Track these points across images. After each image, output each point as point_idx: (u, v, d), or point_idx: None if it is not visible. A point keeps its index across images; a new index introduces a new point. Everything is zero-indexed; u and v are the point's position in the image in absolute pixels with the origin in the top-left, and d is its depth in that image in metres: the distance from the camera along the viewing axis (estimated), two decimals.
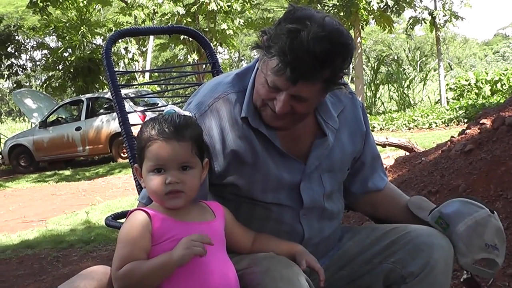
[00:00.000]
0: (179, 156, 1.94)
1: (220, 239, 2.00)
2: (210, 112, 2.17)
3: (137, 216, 1.93)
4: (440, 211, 2.24)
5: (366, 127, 2.41)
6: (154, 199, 1.99)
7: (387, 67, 31.22)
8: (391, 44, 51.37)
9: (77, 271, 2.00)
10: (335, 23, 1.99)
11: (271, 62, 2.00)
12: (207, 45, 3.31)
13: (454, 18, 24.57)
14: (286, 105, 2.04)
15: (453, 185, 4.37)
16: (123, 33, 3.21)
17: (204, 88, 2.31)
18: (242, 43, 46.00)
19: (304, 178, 2.23)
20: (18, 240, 7.90)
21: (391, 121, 20.18)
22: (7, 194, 14.27)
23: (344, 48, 1.98)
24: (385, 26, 24.67)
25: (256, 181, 2.19)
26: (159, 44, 31.21)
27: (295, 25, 1.94)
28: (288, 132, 2.20)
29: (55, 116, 19.98)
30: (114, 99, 2.94)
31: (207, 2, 23.94)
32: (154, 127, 1.95)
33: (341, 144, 2.30)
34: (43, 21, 25.58)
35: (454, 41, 53.78)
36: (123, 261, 1.87)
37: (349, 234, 2.38)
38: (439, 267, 2.12)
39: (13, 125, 42.16)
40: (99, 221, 8.52)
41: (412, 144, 8.38)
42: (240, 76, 2.26)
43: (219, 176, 2.17)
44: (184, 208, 1.97)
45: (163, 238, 1.90)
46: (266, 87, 2.06)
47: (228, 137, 2.16)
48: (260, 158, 2.18)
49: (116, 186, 13.12)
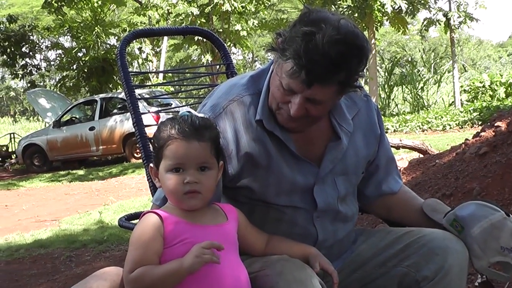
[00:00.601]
0: (199, 156, 1.93)
1: (232, 242, 1.99)
2: (225, 114, 2.17)
3: (149, 218, 1.92)
4: (455, 214, 2.22)
5: (381, 130, 2.39)
6: (170, 199, 1.98)
7: (401, 69, 31.15)
8: (405, 45, 51.27)
9: (90, 271, 2.00)
10: (350, 25, 1.97)
11: (286, 65, 1.98)
12: (221, 46, 3.30)
13: (468, 20, 24.51)
14: (301, 108, 2.03)
15: (467, 188, 4.34)
16: (137, 34, 3.21)
17: (218, 90, 2.30)
18: (256, 44, 46.03)
19: (318, 181, 2.22)
20: (31, 239, 7.93)
21: (405, 123, 20.14)
22: (21, 193, 14.34)
23: (360, 51, 1.96)
24: (399, 27, 24.63)
25: (269, 184, 2.18)
26: (173, 45, 31.30)
27: (310, 27, 1.93)
28: (302, 135, 2.19)
29: (69, 116, 20.10)
30: (128, 100, 2.94)
31: (221, 2, 23.99)
32: (173, 126, 1.94)
33: (355, 147, 2.29)
34: (57, 21, 25.76)
35: (468, 42, 53.57)
36: (135, 264, 1.86)
37: (363, 237, 2.37)
38: (453, 271, 2.10)
39: (27, 124, 42.47)
40: (112, 221, 8.54)
41: (426, 146, 8.35)
42: (255, 78, 2.25)
43: (233, 178, 2.16)
44: (198, 210, 1.97)
45: (175, 241, 1.89)
46: (281, 90, 2.05)
47: (242, 139, 2.15)
48: (274, 161, 2.16)
49: (129, 186, 13.16)
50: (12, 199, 13.11)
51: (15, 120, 48.50)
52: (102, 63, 24.08)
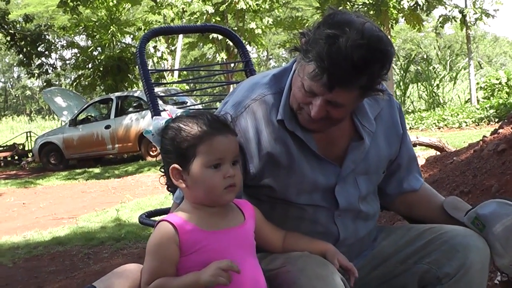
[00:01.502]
0: (235, 149, 1.96)
1: (250, 244, 1.99)
2: (247, 113, 2.16)
3: (163, 228, 1.91)
4: (476, 212, 2.21)
5: (403, 128, 2.39)
6: (206, 198, 1.95)
7: (416, 66, 31.03)
8: (420, 42, 51.06)
9: (108, 268, 2.01)
10: (375, 29, 1.95)
11: (308, 66, 1.97)
12: (240, 44, 3.30)
13: (484, 16, 24.37)
14: (321, 110, 2.03)
15: (485, 185, 4.31)
16: (157, 32, 3.23)
17: (240, 88, 2.30)
18: (271, 42, 45.99)
19: (340, 181, 2.21)
20: (49, 236, 7.99)
21: (421, 120, 20.07)
22: (38, 191, 14.42)
23: (383, 55, 1.95)
24: (415, 24, 24.55)
25: (290, 184, 2.18)
26: (188, 43, 31.33)
27: (333, 30, 1.91)
28: (324, 135, 2.18)
29: (84, 115, 20.19)
30: (148, 97, 2.95)
31: (236, 1, 24.02)
32: (203, 123, 1.93)
33: (378, 147, 2.28)
34: (73, 20, 25.86)
35: (484, 39, 53.30)
36: (151, 276, 1.88)
37: (383, 234, 2.36)
38: (475, 268, 2.09)
39: (43, 123, 42.64)
40: (129, 219, 8.59)
41: (442, 143, 8.32)
42: (278, 77, 2.24)
43: (254, 177, 2.16)
44: (215, 213, 1.97)
45: (192, 250, 1.89)
46: (303, 91, 2.04)
47: (264, 139, 2.15)
48: (295, 161, 2.16)
49: (145, 184, 13.20)
50: (29, 197, 13.19)
51: (31, 119, 48.69)
52: (117, 61, 24.15)
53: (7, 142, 25.64)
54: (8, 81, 64.51)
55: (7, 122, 44.81)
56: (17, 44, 24.61)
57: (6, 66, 61.44)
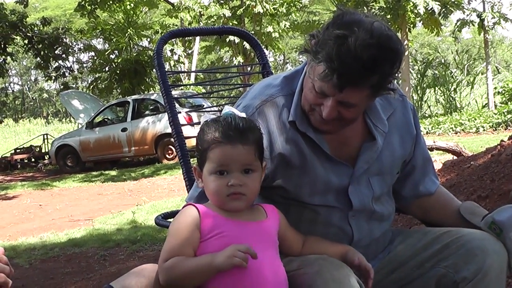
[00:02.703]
0: (244, 159, 1.94)
1: (270, 239, 2.00)
2: (258, 114, 2.17)
3: (187, 211, 1.95)
4: (493, 217, 2.19)
5: (417, 130, 2.38)
6: (213, 201, 1.98)
7: (434, 71, 30.91)
8: (438, 47, 50.86)
9: (124, 270, 2.02)
10: (384, 27, 1.95)
11: (318, 67, 1.98)
12: (257, 46, 3.30)
13: (503, 20, 24.24)
14: (333, 111, 2.03)
15: (503, 190, 4.29)
16: (174, 34, 3.23)
17: (252, 90, 2.31)
18: (288, 46, 45.94)
19: (353, 181, 2.21)
20: (65, 238, 8.02)
21: (438, 125, 19.98)
22: (54, 193, 14.49)
23: (393, 54, 1.95)
24: (433, 28, 24.45)
25: (304, 185, 2.18)
26: (205, 47, 31.38)
27: (342, 31, 1.92)
28: (336, 136, 2.18)
29: (101, 117, 20.29)
30: (165, 99, 2.96)
31: (253, 4, 24.02)
32: (217, 129, 1.94)
33: (391, 147, 2.27)
34: (90, 23, 26.00)
35: (502, 44, 52.99)
36: (169, 254, 1.90)
37: (400, 237, 2.35)
38: (493, 272, 2.07)
39: (59, 126, 42.92)
40: (145, 221, 8.60)
41: (460, 148, 8.28)
42: (289, 79, 2.25)
43: (267, 178, 2.15)
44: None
45: (211, 234, 1.91)
46: (314, 93, 2.05)
47: (276, 140, 2.16)
48: (308, 161, 2.16)
49: (161, 187, 13.23)
50: (46, 199, 13.26)
51: (47, 122, 48.99)
52: (134, 65, 24.25)
53: (24, 144, 25.83)
54: (26, 84, 64.88)
55: (24, 125, 45.10)
56: (35, 47, 24.76)
57: (23, 69, 61.78)
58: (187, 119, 13.30)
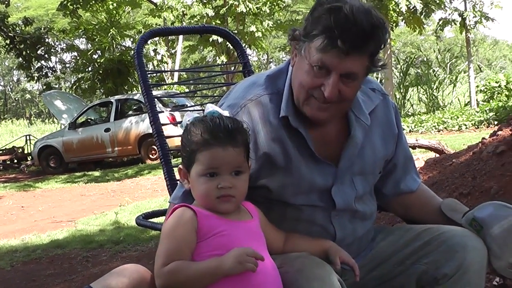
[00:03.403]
0: (234, 161, 1.93)
1: (262, 238, 2.00)
2: (242, 113, 2.16)
3: (183, 212, 1.91)
4: (473, 214, 2.20)
5: (399, 128, 2.38)
6: (202, 203, 1.96)
7: (416, 69, 31.05)
8: (420, 46, 51.07)
9: (107, 271, 2.00)
10: (366, 4, 2.00)
11: (315, 42, 1.99)
12: (238, 45, 3.30)
13: (484, 19, 24.39)
14: (335, 88, 2.01)
15: (485, 187, 4.30)
16: (155, 33, 3.23)
17: (236, 89, 2.30)
18: (271, 45, 45.97)
19: (336, 181, 2.21)
20: (48, 239, 7.97)
21: (420, 123, 20.08)
22: (37, 194, 14.43)
23: (383, 23, 2.00)
24: (415, 27, 24.54)
25: (288, 185, 2.17)
26: (188, 46, 31.34)
27: (334, 3, 1.95)
28: (320, 135, 2.18)
29: (84, 118, 20.23)
30: (146, 99, 2.95)
31: (236, 4, 24.01)
32: (206, 130, 1.93)
33: (373, 145, 2.27)
34: (73, 23, 25.89)
35: (484, 42, 53.30)
36: (168, 257, 1.85)
37: (382, 235, 2.36)
38: (473, 269, 2.08)
39: (42, 126, 42.64)
40: (128, 222, 8.58)
41: (442, 146, 8.31)
42: (272, 78, 2.24)
43: (251, 178, 2.12)
44: None
45: (210, 234, 1.89)
46: (312, 74, 2.03)
47: (261, 139, 2.14)
48: (292, 162, 2.16)
49: (145, 187, 13.19)
50: (28, 200, 13.19)
51: (30, 123, 48.68)
52: (117, 65, 24.19)
53: (6, 145, 25.70)
54: (8, 85, 64.49)
55: (7, 126, 44.76)
56: (17, 47, 24.66)
57: (5, 69, 61.45)
58: (170, 119, 13.25)
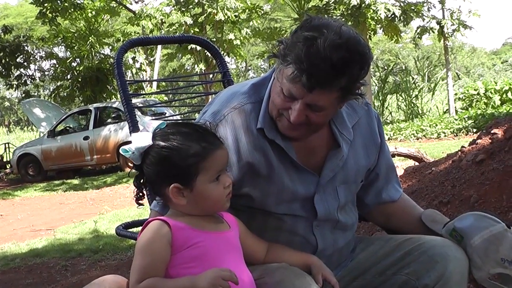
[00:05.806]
0: (228, 158, 2.02)
1: (239, 249, 2.00)
2: (226, 122, 2.15)
3: (157, 226, 1.89)
4: (454, 224, 2.21)
5: (381, 138, 2.38)
6: (213, 208, 1.98)
7: (395, 77, 31.18)
8: (399, 53, 51.32)
9: (86, 280, 1.98)
10: (352, 32, 1.96)
11: (287, 70, 1.97)
12: (217, 54, 3.29)
13: (462, 27, 24.52)
14: (301, 115, 2.01)
15: (464, 195, 4.32)
16: (134, 42, 3.20)
17: (220, 97, 2.29)
18: (249, 53, 45.99)
19: (319, 190, 2.21)
20: (26, 248, 7.90)
21: (399, 131, 20.14)
22: (16, 203, 14.30)
23: (362, 57, 1.95)
24: (393, 35, 24.63)
25: (270, 193, 2.17)
26: (167, 54, 31.26)
27: (311, 32, 1.92)
28: (303, 144, 2.17)
29: (63, 126, 20.10)
30: (125, 108, 2.93)
31: (215, 12, 23.98)
32: (199, 139, 1.94)
33: (356, 156, 2.27)
34: (52, 31, 25.74)
35: (462, 50, 53.63)
36: (143, 274, 1.84)
37: (362, 245, 2.36)
38: (454, 279, 2.08)
39: (21, 134, 42.35)
40: (107, 230, 8.53)
41: (421, 154, 8.34)
42: (257, 86, 2.23)
43: (233, 186, 2.11)
44: (200, 219, 1.96)
45: (185, 246, 1.87)
46: (282, 96, 2.03)
47: (243, 148, 2.14)
48: (275, 170, 2.15)
49: (124, 196, 13.12)
50: (7, 209, 13.07)
51: (9, 130, 48.36)
52: (96, 72, 24.08)
53: None
54: None
55: None
56: None
57: None
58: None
